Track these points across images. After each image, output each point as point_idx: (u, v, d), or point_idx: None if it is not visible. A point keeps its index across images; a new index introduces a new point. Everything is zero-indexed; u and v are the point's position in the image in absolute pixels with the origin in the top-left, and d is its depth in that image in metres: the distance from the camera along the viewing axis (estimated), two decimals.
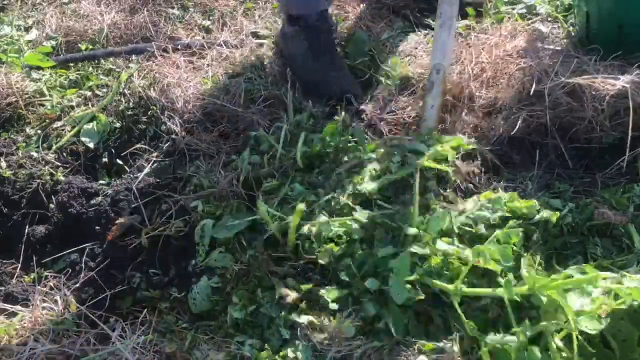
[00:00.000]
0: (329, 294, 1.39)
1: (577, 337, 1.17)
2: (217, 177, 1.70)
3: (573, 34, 2.13)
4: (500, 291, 1.25)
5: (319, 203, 1.54)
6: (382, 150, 1.65)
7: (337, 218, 1.49)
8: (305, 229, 1.47)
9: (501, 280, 1.27)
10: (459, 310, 1.26)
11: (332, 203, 1.54)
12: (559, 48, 2.07)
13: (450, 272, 1.32)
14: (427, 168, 1.55)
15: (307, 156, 1.71)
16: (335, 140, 1.71)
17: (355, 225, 1.46)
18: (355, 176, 1.58)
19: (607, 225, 1.47)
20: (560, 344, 1.21)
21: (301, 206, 1.44)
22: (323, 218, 1.49)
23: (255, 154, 1.75)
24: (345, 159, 1.66)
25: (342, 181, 1.59)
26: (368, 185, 1.54)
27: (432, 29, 2.30)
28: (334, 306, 1.38)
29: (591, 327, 1.19)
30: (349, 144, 1.70)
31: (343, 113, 1.82)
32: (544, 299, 1.23)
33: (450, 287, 1.28)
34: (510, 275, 1.28)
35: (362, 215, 1.48)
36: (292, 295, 1.40)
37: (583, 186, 1.66)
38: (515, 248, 1.36)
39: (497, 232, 1.38)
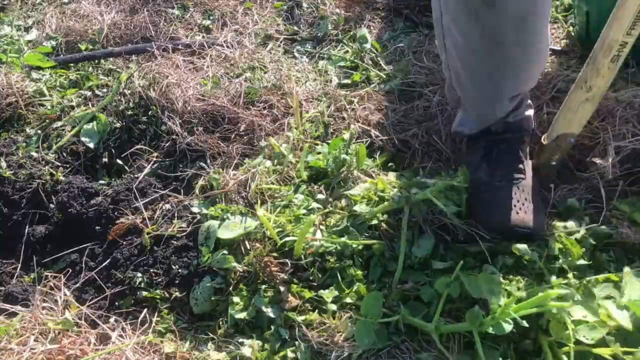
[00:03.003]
0: (329, 294, 1.40)
1: (572, 347, 1.17)
2: (227, 179, 1.70)
3: (573, 33, 2.13)
4: (468, 325, 1.25)
5: (317, 214, 1.55)
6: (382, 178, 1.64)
7: (332, 237, 1.50)
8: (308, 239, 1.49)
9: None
10: (441, 347, 1.26)
11: (332, 219, 1.55)
12: (559, 48, 2.07)
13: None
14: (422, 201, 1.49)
15: (311, 168, 1.71)
16: (338, 156, 1.70)
17: (348, 249, 1.47)
18: (352, 195, 1.58)
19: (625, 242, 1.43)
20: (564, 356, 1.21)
21: (312, 218, 1.44)
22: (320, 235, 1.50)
23: (267, 160, 1.75)
24: (342, 173, 1.67)
25: (341, 198, 1.60)
26: (362, 208, 1.53)
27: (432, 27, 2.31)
28: (332, 307, 1.38)
29: (591, 336, 1.19)
30: (350, 160, 1.70)
31: (351, 127, 1.81)
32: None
33: (430, 326, 1.29)
34: (476, 308, 1.27)
35: (353, 237, 1.49)
36: (294, 302, 1.40)
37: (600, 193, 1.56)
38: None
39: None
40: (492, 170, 1.54)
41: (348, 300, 1.39)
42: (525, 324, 1.21)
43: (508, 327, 1.21)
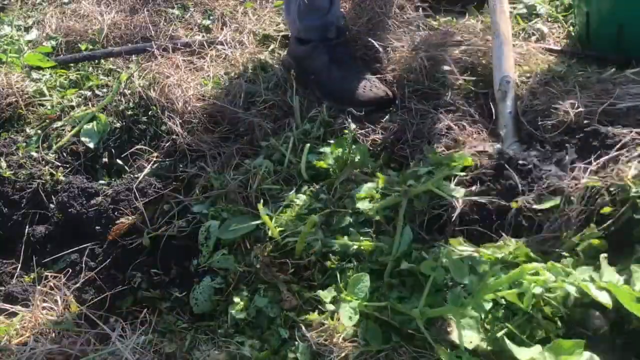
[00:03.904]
0: (327, 295, 1.40)
1: None
2: (227, 179, 1.70)
3: (573, 34, 2.13)
4: (451, 308, 1.23)
5: (319, 214, 1.55)
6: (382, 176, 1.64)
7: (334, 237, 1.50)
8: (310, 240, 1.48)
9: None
10: (426, 334, 1.24)
11: (334, 219, 1.55)
12: (558, 48, 2.07)
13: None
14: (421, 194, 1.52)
15: (312, 168, 1.71)
16: (340, 155, 1.70)
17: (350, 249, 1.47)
18: (356, 193, 1.58)
19: None
20: None
21: (314, 218, 1.44)
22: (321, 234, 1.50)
23: (267, 160, 1.75)
24: (345, 172, 1.67)
25: (343, 197, 1.60)
26: (364, 205, 1.53)
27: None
28: (331, 307, 1.38)
29: None
30: (353, 160, 1.70)
31: (352, 126, 1.81)
32: None
33: (415, 311, 1.27)
34: (458, 289, 1.26)
35: (355, 236, 1.49)
36: (294, 302, 1.40)
37: None
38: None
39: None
40: (343, 68, 1.98)
41: (344, 294, 1.38)
42: (503, 301, 1.21)
43: (487, 306, 1.20)
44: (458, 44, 2.04)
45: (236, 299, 1.45)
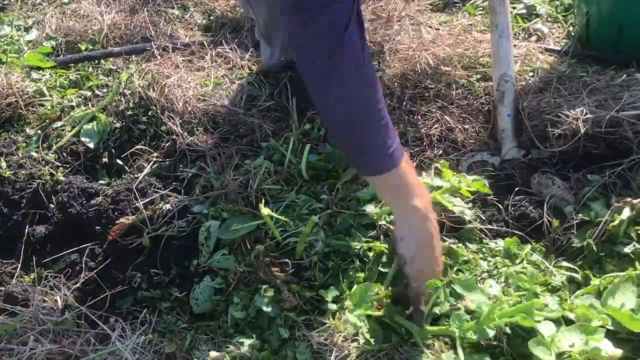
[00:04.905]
0: (329, 294, 1.40)
1: None
2: (227, 180, 1.70)
3: (573, 34, 2.13)
4: (452, 328, 1.22)
5: (320, 215, 1.55)
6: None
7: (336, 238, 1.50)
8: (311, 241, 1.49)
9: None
10: (424, 349, 1.25)
11: (336, 220, 1.55)
12: (558, 48, 2.08)
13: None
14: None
15: (312, 168, 1.71)
16: (343, 156, 1.70)
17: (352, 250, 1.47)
18: (359, 195, 1.57)
19: None
20: None
21: (314, 218, 1.44)
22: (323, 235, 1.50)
23: (268, 161, 1.75)
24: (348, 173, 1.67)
25: (346, 198, 1.60)
26: (369, 208, 1.53)
27: None
28: (332, 307, 1.38)
29: None
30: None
31: None
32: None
33: (415, 326, 1.28)
34: (461, 312, 1.26)
35: (357, 238, 1.49)
36: (294, 302, 1.40)
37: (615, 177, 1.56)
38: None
39: None
40: None
41: (348, 301, 1.39)
42: (508, 330, 1.20)
43: (491, 333, 1.18)
44: (460, 43, 2.04)
45: (236, 299, 1.45)
